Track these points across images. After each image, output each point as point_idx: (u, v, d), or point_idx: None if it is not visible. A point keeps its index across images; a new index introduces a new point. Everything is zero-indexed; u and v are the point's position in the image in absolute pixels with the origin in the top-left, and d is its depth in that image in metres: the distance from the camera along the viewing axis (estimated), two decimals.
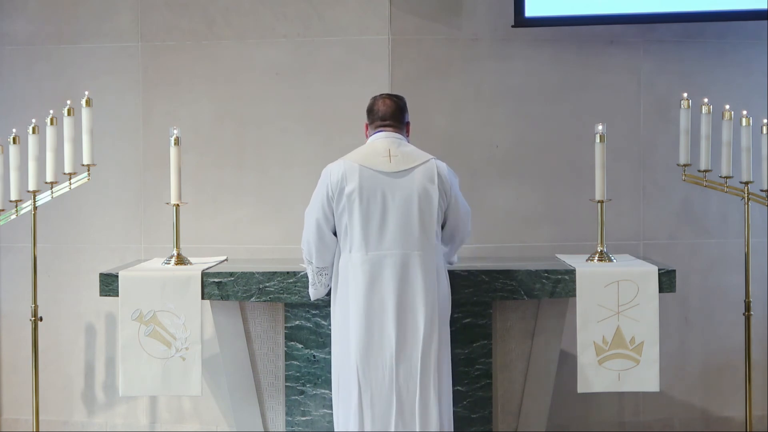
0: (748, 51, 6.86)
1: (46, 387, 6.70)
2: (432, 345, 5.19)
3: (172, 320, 5.61)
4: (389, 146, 5.30)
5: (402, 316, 5.18)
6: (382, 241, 5.21)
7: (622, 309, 5.61)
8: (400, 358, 5.18)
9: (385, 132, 5.37)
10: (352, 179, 5.23)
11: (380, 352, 5.18)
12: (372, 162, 5.26)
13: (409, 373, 5.18)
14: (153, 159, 6.78)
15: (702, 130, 6.20)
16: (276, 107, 6.76)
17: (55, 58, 6.86)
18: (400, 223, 5.22)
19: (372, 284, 5.19)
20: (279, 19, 6.75)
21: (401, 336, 5.18)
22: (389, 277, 5.19)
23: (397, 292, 5.18)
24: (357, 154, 5.32)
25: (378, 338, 5.18)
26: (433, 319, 5.20)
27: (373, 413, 5.19)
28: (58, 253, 6.87)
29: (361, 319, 5.19)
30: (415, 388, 5.17)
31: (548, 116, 6.79)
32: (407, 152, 5.31)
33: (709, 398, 6.92)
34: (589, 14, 6.57)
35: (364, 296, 5.19)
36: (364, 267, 5.20)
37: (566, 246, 6.61)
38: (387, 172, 5.26)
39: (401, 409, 5.18)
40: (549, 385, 5.95)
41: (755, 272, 6.52)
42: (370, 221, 5.22)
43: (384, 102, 5.40)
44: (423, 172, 5.27)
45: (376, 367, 5.19)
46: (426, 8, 6.71)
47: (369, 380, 5.19)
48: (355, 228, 5.22)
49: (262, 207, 6.77)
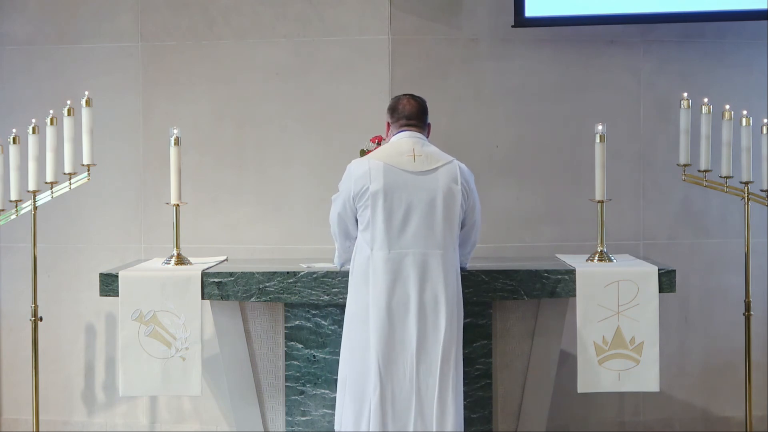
0: (748, 51, 6.86)
1: (46, 387, 6.70)
2: (453, 344, 5.21)
3: (172, 320, 5.61)
4: (413, 146, 5.31)
5: (423, 315, 5.18)
6: (405, 240, 5.21)
7: (622, 309, 5.61)
8: (421, 357, 5.18)
9: (409, 131, 5.38)
10: (376, 177, 5.24)
11: (402, 351, 5.18)
12: (397, 161, 5.27)
13: (429, 372, 5.18)
14: (153, 159, 6.78)
15: (702, 130, 6.20)
16: (276, 107, 6.76)
17: (55, 58, 6.86)
18: (423, 222, 5.23)
19: (394, 282, 5.20)
20: (279, 19, 6.75)
21: (422, 334, 5.18)
22: (411, 275, 5.20)
23: (418, 291, 5.19)
24: (381, 153, 5.33)
25: (400, 336, 5.18)
26: (452, 319, 5.21)
27: (394, 411, 5.19)
28: (58, 253, 6.87)
29: (383, 317, 5.18)
30: (434, 387, 5.18)
31: (548, 116, 6.79)
32: (431, 152, 5.32)
33: (709, 398, 6.92)
34: (589, 14, 6.57)
35: (386, 294, 5.19)
36: (386, 265, 5.20)
37: (566, 246, 6.61)
38: (412, 171, 5.27)
39: (421, 407, 5.18)
40: (549, 385, 5.95)
41: (755, 272, 6.52)
42: (394, 220, 5.23)
43: (409, 101, 5.43)
44: (447, 172, 5.29)
45: (398, 365, 5.18)
46: (426, 8, 6.71)
47: (390, 378, 5.19)
48: (378, 226, 5.22)
49: (261, 207, 6.77)
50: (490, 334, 5.87)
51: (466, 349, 5.82)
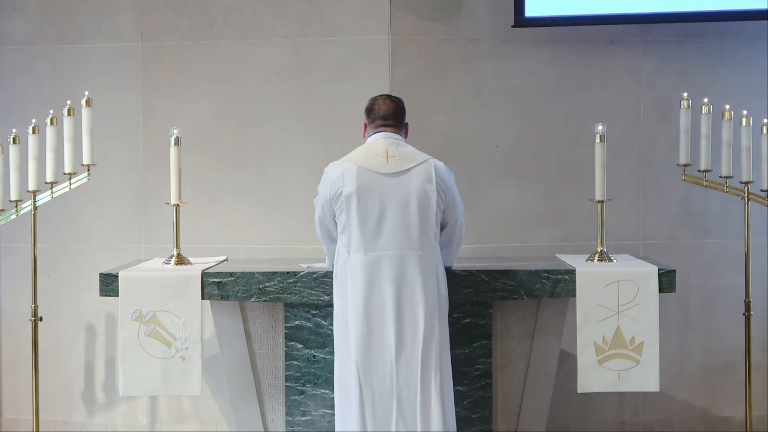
0: (748, 51, 6.86)
1: (46, 387, 6.70)
2: (432, 345, 5.19)
3: (172, 320, 5.61)
4: (387, 147, 5.30)
5: (401, 317, 5.18)
6: (381, 242, 5.21)
7: (622, 309, 5.61)
8: (400, 359, 5.18)
9: (385, 132, 5.37)
10: (350, 181, 5.24)
11: (380, 353, 5.18)
12: (370, 163, 5.26)
13: (409, 374, 5.18)
14: (153, 159, 6.78)
15: (702, 130, 6.20)
16: (276, 107, 6.76)
17: (55, 58, 6.86)
18: (398, 223, 5.22)
19: (371, 285, 5.20)
20: (279, 19, 6.75)
21: (400, 336, 5.18)
22: (388, 277, 5.19)
23: (396, 293, 5.18)
24: (356, 155, 5.33)
25: (378, 339, 5.18)
26: (432, 320, 5.20)
27: (375, 413, 5.19)
28: (58, 253, 6.87)
29: (361, 320, 5.19)
30: (416, 388, 5.17)
31: (548, 116, 6.79)
32: (405, 152, 5.31)
33: (709, 398, 6.92)
34: (589, 14, 6.57)
35: (363, 297, 5.20)
36: (363, 268, 5.20)
37: (566, 246, 6.61)
38: (385, 173, 5.26)
39: (401, 409, 5.18)
40: (549, 385, 5.95)
41: (755, 272, 6.51)
42: (369, 222, 5.22)
43: (385, 102, 5.41)
44: (420, 172, 5.27)
45: (377, 367, 5.19)
46: (426, 8, 6.71)
47: (370, 380, 5.19)
48: (353, 229, 5.22)
49: (261, 207, 6.77)
50: (490, 334, 5.87)
51: (466, 349, 5.82)
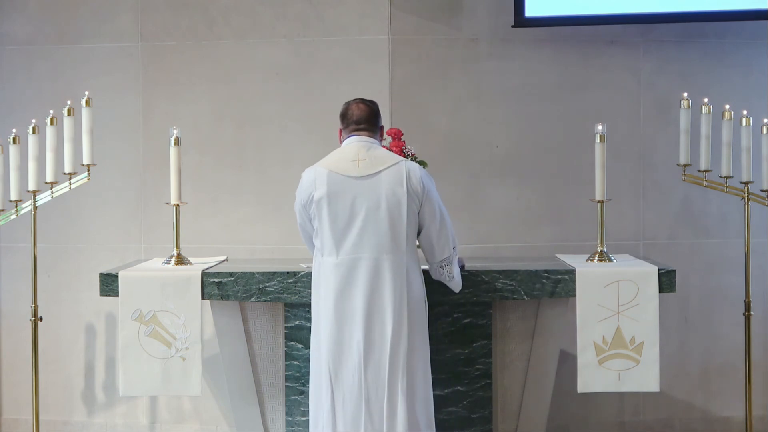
0: (748, 51, 6.86)
1: (46, 387, 6.71)
2: (400, 349, 5.19)
3: (172, 320, 5.61)
4: (358, 150, 5.29)
5: (370, 320, 5.18)
6: (352, 246, 5.20)
7: (622, 309, 5.61)
8: (368, 363, 5.19)
9: (358, 136, 5.35)
10: (321, 185, 5.24)
11: (349, 356, 5.20)
12: (340, 167, 5.26)
13: (377, 377, 5.18)
14: (153, 159, 6.78)
15: (702, 130, 6.20)
16: (276, 107, 6.76)
17: (55, 58, 6.86)
18: (368, 226, 5.21)
19: (343, 289, 5.21)
20: (279, 19, 6.75)
21: (368, 341, 5.18)
22: (360, 281, 5.20)
23: (366, 297, 5.18)
24: (328, 160, 5.33)
25: (348, 342, 5.20)
26: (401, 324, 5.19)
27: (345, 414, 5.21)
28: (58, 253, 6.87)
29: (332, 323, 5.21)
30: (383, 391, 5.18)
31: (548, 116, 6.79)
32: (376, 155, 5.29)
33: (709, 398, 6.92)
34: (589, 14, 6.57)
35: (334, 300, 5.21)
36: (335, 271, 5.22)
37: (566, 246, 6.61)
38: (354, 176, 5.25)
39: (369, 410, 5.19)
40: (549, 385, 5.95)
41: (755, 272, 6.52)
42: (339, 226, 5.22)
43: (358, 106, 5.40)
44: (391, 174, 5.25)
45: (347, 369, 5.20)
46: (426, 8, 6.71)
47: (340, 383, 5.21)
48: (325, 233, 5.23)
49: (262, 207, 6.77)
50: (490, 334, 5.87)
51: (466, 349, 5.82)
